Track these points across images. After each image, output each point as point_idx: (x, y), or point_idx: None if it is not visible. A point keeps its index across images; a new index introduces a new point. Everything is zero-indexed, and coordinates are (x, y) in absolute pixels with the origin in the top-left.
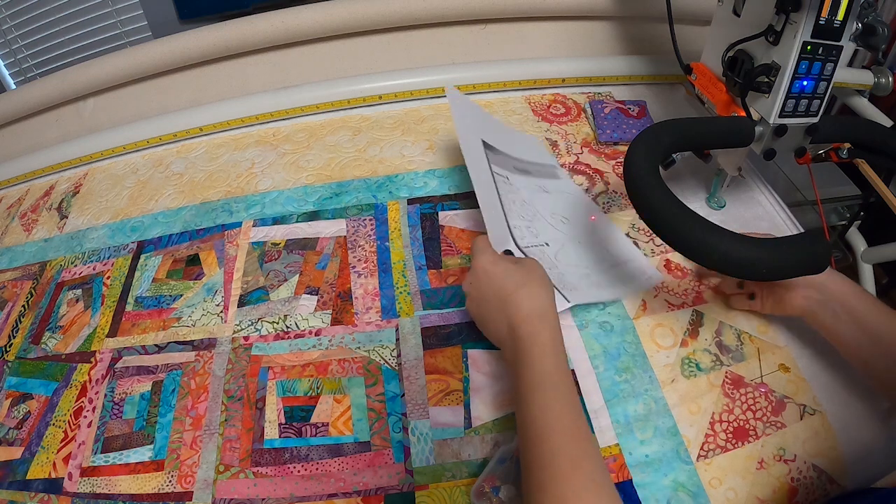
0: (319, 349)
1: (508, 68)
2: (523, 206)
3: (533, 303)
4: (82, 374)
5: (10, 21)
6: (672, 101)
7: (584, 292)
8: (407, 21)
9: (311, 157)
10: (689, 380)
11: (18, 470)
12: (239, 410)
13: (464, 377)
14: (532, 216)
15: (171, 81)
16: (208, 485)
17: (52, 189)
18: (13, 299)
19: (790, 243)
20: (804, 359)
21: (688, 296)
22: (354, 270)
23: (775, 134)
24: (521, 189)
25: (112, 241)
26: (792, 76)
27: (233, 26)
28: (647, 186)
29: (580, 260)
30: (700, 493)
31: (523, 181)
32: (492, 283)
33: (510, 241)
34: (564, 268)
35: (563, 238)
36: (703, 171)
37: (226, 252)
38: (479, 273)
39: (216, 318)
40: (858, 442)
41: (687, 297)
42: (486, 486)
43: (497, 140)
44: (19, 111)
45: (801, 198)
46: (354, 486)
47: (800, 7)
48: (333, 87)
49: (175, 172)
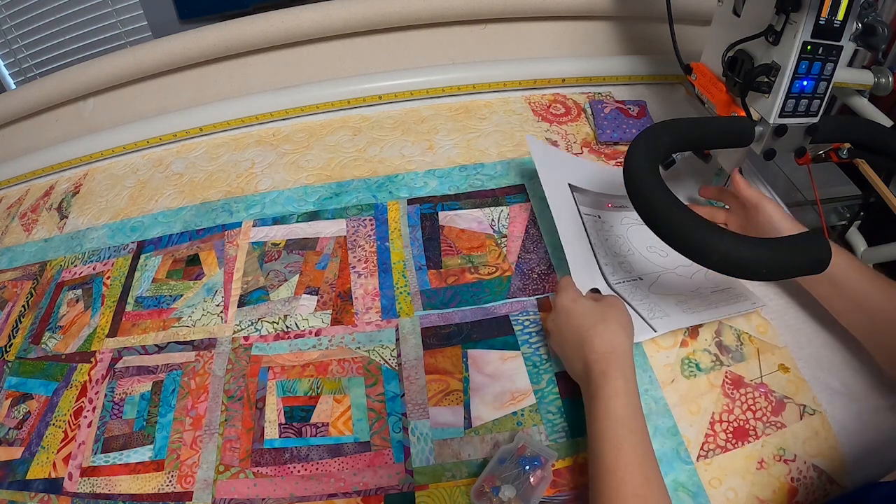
0: (319, 349)
1: (508, 68)
2: (617, 242)
3: (606, 341)
4: (82, 374)
5: (10, 21)
6: (672, 101)
7: (676, 319)
8: (407, 21)
9: (311, 157)
10: (689, 380)
11: (18, 470)
12: (239, 410)
13: (464, 377)
14: (627, 251)
15: (171, 81)
16: (208, 485)
17: (52, 189)
18: (13, 299)
19: (790, 243)
20: (804, 359)
21: None
22: (354, 270)
23: (775, 134)
24: (616, 225)
25: (112, 241)
26: (792, 76)
27: (233, 26)
28: (647, 186)
29: (677, 288)
30: (700, 493)
31: (618, 217)
32: (570, 320)
33: (598, 278)
34: (659, 298)
35: (660, 270)
36: (703, 171)
37: (226, 252)
38: (559, 311)
39: (216, 318)
40: (858, 442)
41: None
42: (486, 486)
43: (587, 181)
44: (19, 111)
45: (801, 198)
46: (354, 486)
47: (800, 7)
48: (333, 87)
49: (175, 172)
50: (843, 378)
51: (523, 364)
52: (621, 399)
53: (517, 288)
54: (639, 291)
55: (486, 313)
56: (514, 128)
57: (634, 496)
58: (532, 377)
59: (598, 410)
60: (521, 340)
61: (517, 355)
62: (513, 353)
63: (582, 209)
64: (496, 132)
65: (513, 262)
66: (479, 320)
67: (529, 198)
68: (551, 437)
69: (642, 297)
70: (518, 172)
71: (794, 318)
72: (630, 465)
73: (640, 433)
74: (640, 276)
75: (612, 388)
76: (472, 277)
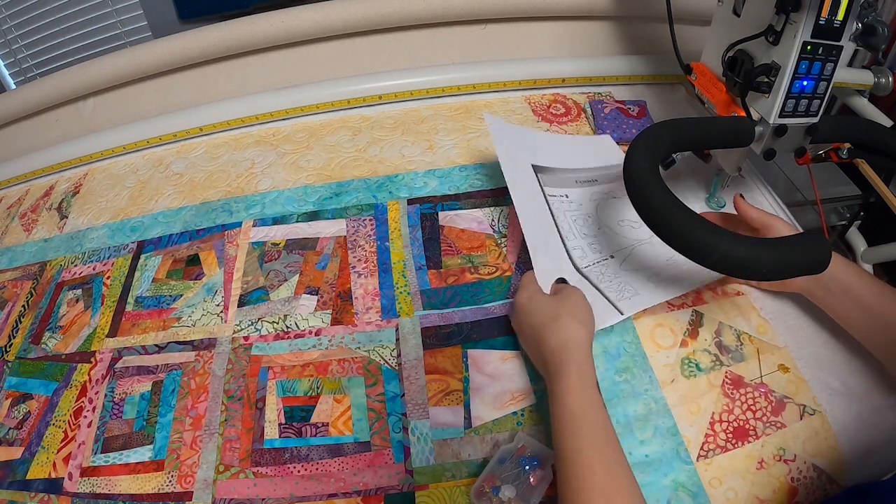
0: (319, 349)
1: (508, 68)
2: (586, 223)
3: (560, 336)
4: (82, 374)
5: (10, 21)
6: (672, 101)
7: (647, 297)
8: (407, 21)
9: (311, 157)
10: (689, 380)
11: (18, 470)
12: (239, 410)
13: (464, 377)
14: (596, 230)
15: (171, 81)
16: (208, 485)
17: (52, 189)
18: (13, 299)
19: (790, 243)
20: (804, 359)
21: (688, 296)
22: (354, 270)
23: (775, 134)
24: (585, 203)
25: (112, 241)
26: (792, 76)
27: (233, 26)
28: (647, 186)
29: (651, 260)
30: (700, 493)
31: (586, 193)
32: (527, 318)
33: (565, 265)
34: (630, 275)
35: (633, 243)
36: (703, 171)
37: (226, 252)
38: (518, 310)
39: (216, 318)
40: (858, 442)
41: (687, 298)
42: (486, 486)
43: (552, 158)
44: (19, 111)
45: (801, 198)
46: (354, 486)
47: (800, 7)
48: (333, 87)
49: (175, 172)
50: (843, 378)
51: (523, 364)
52: (576, 393)
53: (517, 288)
54: (608, 271)
55: (486, 313)
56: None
57: (598, 491)
58: (532, 377)
59: (555, 408)
60: None
61: (517, 355)
62: (513, 353)
63: (547, 190)
64: None
65: (513, 262)
66: (479, 320)
67: None
68: (551, 437)
69: (612, 276)
70: None
71: (794, 318)
72: (592, 462)
73: (599, 426)
74: (611, 254)
75: (566, 383)
76: (472, 277)
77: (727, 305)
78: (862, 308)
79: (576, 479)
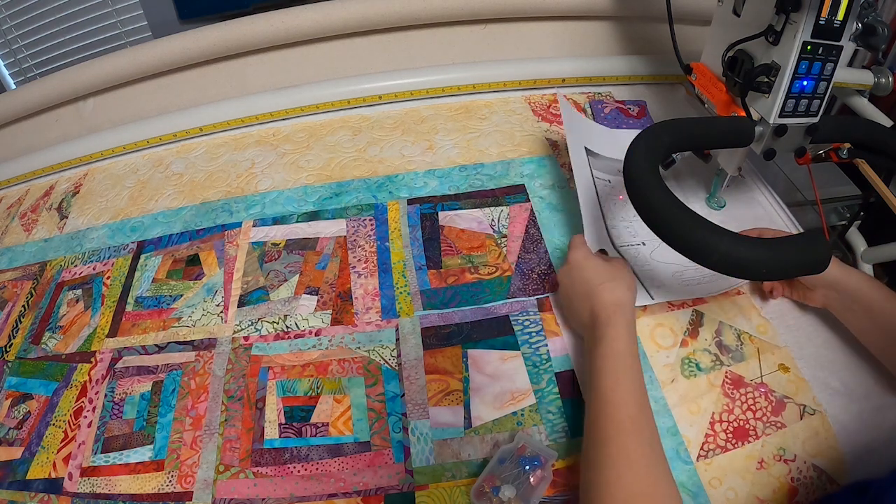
0: (319, 349)
1: (508, 68)
2: (624, 207)
3: (616, 295)
4: (82, 374)
5: (10, 21)
6: (672, 101)
7: (671, 290)
8: (407, 21)
9: (311, 157)
10: (689, 380)
11: (18, 470)
12: (239, 410)
13: (464, 377)
14: (633, 216)
15: (171, 81)
16: (208, 485)
17: (52, 189)
18: (13, 299)
19: (790, 243)
20: (804, 359)
21: None
22: (354, 270)
23: (775, 134)
24: (623, 191)
25: (112, 241)
26: (792, 76)
27: (233, 26)
28: (647, 186)
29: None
30: (700, 493)
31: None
32: (582, 274)
33: (606, 241)
34: (657, 265)
35: None
36: (703, 171)
37: (226, 252)
38: (572, 265)
39: (216, 318)
40: (858, 442)
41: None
42: (486, 486)
43: (602, 146)
44: (19, 111)
45: (801, 198)
46: (354, 486)
47: (800, 7)
48: (333, 87)
49: (175, 172)
50: (843, 378)
51: (523, 364)
52: (624, 340)
53: (517, 288)
54: (640, 257)
55: (486, 313)
56: (514, 128)
57: (629, 418)
58: (532, 377)
59: (601, 350)
60: (521, 340)
61: (517, 355)
62: (513, 353)
63: (595, 172)
64: (496, 132)
65: (513, 262)
66: (479, 320)
67: (529, 198)
68: (551, 437)
69: (643, 263)
70: (518, 172)
71: (794, 318)
72: (627, 394)
73: (638, 373)
74: (643, 241)
75: (617, 331)
76: (472, 277)
77: (727, 305)
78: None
79: (609, 407)
